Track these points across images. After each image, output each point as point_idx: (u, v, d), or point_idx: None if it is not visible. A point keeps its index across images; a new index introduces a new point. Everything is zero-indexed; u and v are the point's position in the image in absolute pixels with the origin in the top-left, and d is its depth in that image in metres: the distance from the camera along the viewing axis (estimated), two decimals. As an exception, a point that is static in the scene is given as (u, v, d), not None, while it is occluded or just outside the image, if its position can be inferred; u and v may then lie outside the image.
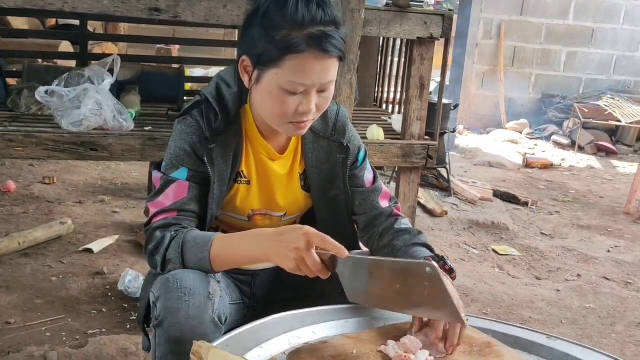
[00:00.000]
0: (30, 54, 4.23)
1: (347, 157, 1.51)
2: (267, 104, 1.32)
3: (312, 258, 1.18)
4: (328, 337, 1.31)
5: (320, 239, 1.19)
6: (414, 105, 2.61)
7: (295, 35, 1.23)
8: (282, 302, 1.56)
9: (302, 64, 1.25)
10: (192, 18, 2.24)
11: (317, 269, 1.19)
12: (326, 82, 1.29)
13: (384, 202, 1.55)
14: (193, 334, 1.21)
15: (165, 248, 1.31)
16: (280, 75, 1.26)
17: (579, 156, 6.70)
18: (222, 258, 1.29)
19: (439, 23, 2.49)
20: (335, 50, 1.26)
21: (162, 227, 1.34)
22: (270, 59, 1.26)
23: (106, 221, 3.53)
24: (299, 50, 1.23)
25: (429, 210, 4.23)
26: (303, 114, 1.30)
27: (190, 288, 1.24)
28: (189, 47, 7.45)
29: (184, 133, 1.38)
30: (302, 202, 1.53)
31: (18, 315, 2.43)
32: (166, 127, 2.46)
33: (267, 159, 1.46)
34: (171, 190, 1.37)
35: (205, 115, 1.38)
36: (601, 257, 3.73)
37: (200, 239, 1.30)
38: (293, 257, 1.19)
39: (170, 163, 1.39)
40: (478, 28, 7.41)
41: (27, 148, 2.22)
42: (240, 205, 1.47)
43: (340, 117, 1.51)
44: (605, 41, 7.67)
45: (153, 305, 1.28)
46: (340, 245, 1.20)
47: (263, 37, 1.27)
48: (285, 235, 1.22)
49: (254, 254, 1.27)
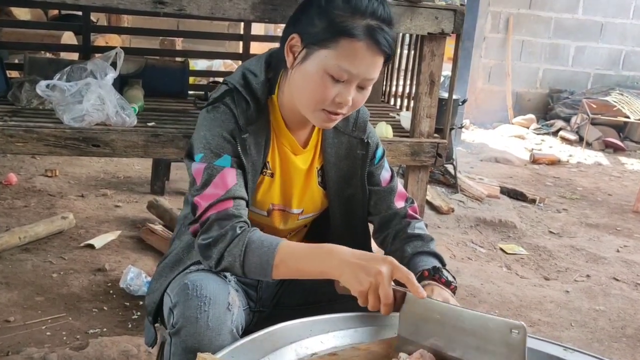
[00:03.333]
0: (33, 46, 4.17)
1: (366, 154, 1.48)
2: (308, 85, 1.29)
3: (387, 289, 1.16)
4: (337, 348, 1.25)
5: (404, 273, 1.17)
6: (424, 102, 2.54)
7: (356, 22, 1.25)
8: (290, 307, 1.52)
9: (354, 51, 1.25)
10: (197, 11, 2.18)
11: (387, 301, 1.16)
12: (369, 77, 1.29)
13: (399, 203, 1.52)
14: (211, 344, 1.17)
15: (226, 244, 1.26)
16: (329, 58, 1.26)
17: (587, 152, 6.63)
18: (287, 266, 1.24)
19: (450, 18, 2.42)
20: (387, 47, 1.28)
21: (221, 218, 1.28)
22: (323, 39, 1.26)
23: (108, 216, 3.49)
24: (356, 35, 1.24)
25: (435, 207, 4.18)
26: (339, 105, 1.29)
27: (211, 297, 1.20)
28: (193, 39, 7.37)
29: (219, 120, 1.34)
30: (318, 199, 1.49)
31: (18, 313, 2.39)
32: (170, 122, 2.40)
33: (290, 153, 1.43)
34: (219, 179, 1.30)
35: (238, 103, 1.35)
36: (610, 256, 3.68)
37: (267, 241, 1.26)
38: (370, 281, 1.16)
39: (210, 152, 1.33)
40: (486, 21, 7.33)
41: (27, 143, 2.17)
42: (261, 199, 1.43)
43: (361, 114, 1.49)
44: (614, 36, 7.57)
45: (170, 311, 1.23)
46: (420, 286, 1.17)
47: (322, 17, 1.27)
48: (370, 258, 1.19)
49: (324, 269, 1.22)
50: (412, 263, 1.42)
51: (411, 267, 1.40)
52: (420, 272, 1.36)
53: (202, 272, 1.28)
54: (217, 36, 4.86)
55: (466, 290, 3.01)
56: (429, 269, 1.36)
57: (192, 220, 1.32)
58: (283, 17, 2.16)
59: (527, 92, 7.68)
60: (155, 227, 3.13)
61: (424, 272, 1.36)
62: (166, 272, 1.41)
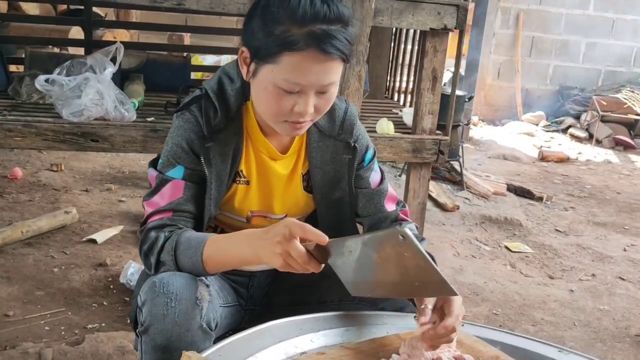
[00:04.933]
0: (38, 41, 4.18)
1: (353, 158, 1.43)
2: (262, 100, 1.25)
3: (296, 249, 1.09)
4: (327, 347, 1.25)
5: (300, 228, 1.10)
6: (426, 99, 2.52)
7: (295, 32, 1.15)
8: (281, 306, 1.51)
9: (298, 63, 1.16)
10: (196, 6, 2.17)
11: (303, 260, 1.10)
12: (325, 84, 1.21)
13: (389, 206, 1.48)
14: (180, 341, 1.16)
15: (159, 249, 1.26)
16: (276, 72, 1.18)
17: (596, 150, 6.56)
18: (215, 260, 1.22)
19: (453, 13, 2.40)
20: (337, 51, 1.17)
21: (156, 227, 1.29)
22: (266, 54, 1.19)
23: (112, 210, 3.49)
24: (297, 48, 1.15)
25: (440, 204, 4.15)
26: (299, 114, 1.23)
27: (177, 293, 1.18)
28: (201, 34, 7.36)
29: (181, 129, 1.32)
30: (302, 203, 1.46)
31: (17, 308, 2.39)
32: (169, 118, 2.39)
33: (268, 159, 1.39)
34: (167, 190, 1.31)
35: (205, 111, 1.31)
36: (617, 256, 3.64)
37: (194, 240, 1.24)
38: (279, 252, 1.10)
39: (166, 160, 1.32)
40: (496, 17, 7.27)
41: (26, 138, 2.17)
42: (239, 206, 1.40)
43: (348, 116, 1.43)
44: (625, 32, 7.48)
45: (139, 310, 1.22)
46: (320, 232, 1.10)
47: (262, 30, 1.19)
48: (269, 230, 1.14)
49: (245, 255, 1.19)
50: None
51: None
52: None
53: (172, 272, 1.26)
54: (224, 31, 4.84)
55: (469, 289, 2.99)
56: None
57: (140, 223, 1.35)
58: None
59: (536, 88, 7.61)
60: (158, 222, 3.12)
61: None
62: (144, 277, 1.41)
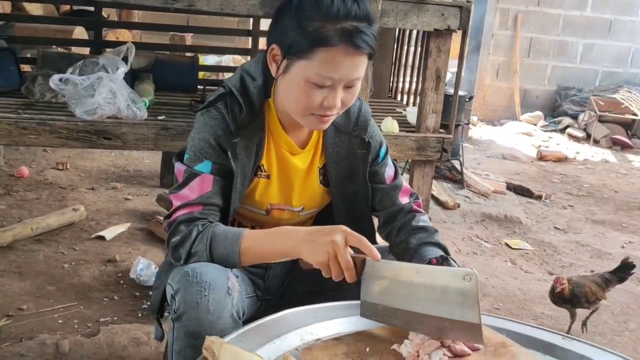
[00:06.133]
0: (45, 41, 4.23)
1: (368, 153, 1.50)
2: (293, 94, 1.31)
3: (345, 256, 1.18)
4: (341, 334, 1.29)
5: (357, 238, 1.19)
6: (429, 98, 2.58)
7: (328, 28, 1.23)
8: (296, 296, 1.56)
9: (332, 58, 1.24)
10: (207, 7, 2.23)
11: (348, 267, 1.18)
12: (354, 78, 1.29)
13: (404, 199, 1.55)
14: (212, 328, 1.21)
15: (192, 242, 1.30)
16: (309, 67, 1.26)
17: (594, 149, 6.63)
18: (252, 252, 1.28)
19: (456, 15, 2.46)
20: (367, 46, 1.25)
21: (187, 220, 1.33)
22: (300, 50, 1.25)
23: (118, 208, 3.54)
24: (331, 43, 1.23)
25: (441, 203, 4.21)
26: (328, 108, 1.30)
27: (210, 282, 1.23)
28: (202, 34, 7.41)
29: (208, 125, 1.37)
30: (319, 197, 1.52)
31: (31, 302, 2.44)
32: (180, 116, 2.45)
33: (287, 154, 1.45)
34: (196, 184, 1.35)
35: (230, 108, 1.37)
36: (615, 253, 3.70)
37: (231, 233, 1.30)
38: (327, 251, 1.18)
39: (194, 155, 1.37)
40: (494, 18, 7.34)
41: (40, 136, 2.22)
42: (259, 199, 1.46)
43: (363, 113, 1.50)
44: (622, 33, 7.56)
45: (171, 298, 1.27)
46: (374, 248, 1.19)
47: (295, 28, 1.26)
48: (322, 230, 1.22)
49: (285, 248, 1.25)
50: (417, 254, 1.45)
51: (417, 257, 1.43)
52: (428, 261, 1.39)
53: (202, 263, 1.31)
54: (227, 32, 4.88)
55: (471, 284, 3.04)
56: (437, 257, 1.39)
57: (166, 216, 1.38)
58: (291, 13, 2.20)
59: (535, 89, 7.68)
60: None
61: (432, 260, 1.38)
62: (166, 268, 1.46)
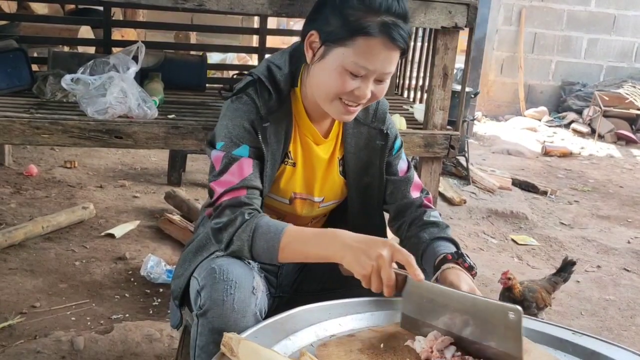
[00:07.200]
0: (54, 40, 4.24)
1: (385, 144, 1.54)
2: (327, 79, 1.35)
3: (388, 272, 1.20)
4: (355, 330, 1.31)
5: (404, 255, 1.22)
6: (437, 95, 2.59)
7: (370, 19, 1.29)
8: (309, 293, 1.58)
9: (370, 48, 1.29)
10: (216, 6, 2.23)
11: (389, 284, 1.21)
12: (387, 71, 1.34)
13: (415, 193, 1.57)
14: (236, 326, 1.23)
15: (235, 228, 1.32)
16: (347, 55, 1.30)
17: (599, 144, 6.63)
18: (292, 250, 1.30)
19: (463, 12, 2.46)
20: (403, 42, 1.32)
21: (233, 205, 1.35)
22: (340, 37, 1.30)
23: (127, 206, 3.57)
24: (371, 34, 1.28)
25: (447, 199, 4.23)
26: (357, 97, 1.35)
27: (236, 281, 1.26)
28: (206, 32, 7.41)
29: (241, 111, 1.40)
30: (339, 188, 1.55)
31: (43, 299, 2.47)
32: (190, 114, 2.46)
33: (312, 143, 1.49)
34: (235, 168, 1.37)
35: (260, 93, 1.41)
36: (621, 248, 3.72)
37: (274, 226, 1.32)
38: (371, 264, 1.20)
39: (229, 142, 1.39)
40: (498, 14, 7.33)
41: (53, 135, 2.23)
42: (284, 187, 1.49)
43: (381, 105, 1.55)
44: (627, 28, 7.55)
45: (197, 293, 1.30)
46: (418, 268, 1.21)
47: (337, 15, 1.31)
48: (370, 242, 1.23)
49: (327, 252, 1.28)
50: (430, 248, 1.47)
51: (430, 252, 1.46)
52: (444, 256, 1.40)
53: (228, 258, 1.34)
54: (235, 30, 4.85)
55: (478, 280, 3.05)
56: (452, 253, 1.41)
57: (209, 204, 1.40)
58: (300, 11, 2.21)
59: (539, 84, 7.68)
60: (174, 217, 3.20)
61: (447, 256, 1.40)
62: (190, 257, 1.48)
